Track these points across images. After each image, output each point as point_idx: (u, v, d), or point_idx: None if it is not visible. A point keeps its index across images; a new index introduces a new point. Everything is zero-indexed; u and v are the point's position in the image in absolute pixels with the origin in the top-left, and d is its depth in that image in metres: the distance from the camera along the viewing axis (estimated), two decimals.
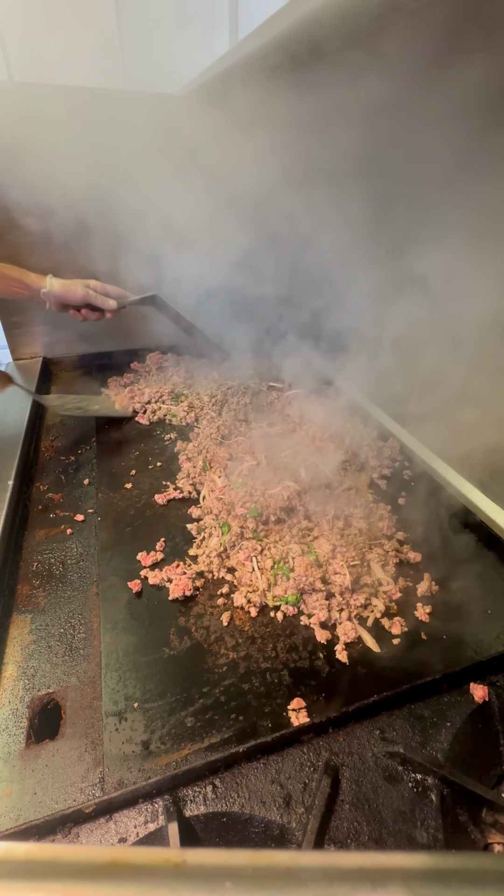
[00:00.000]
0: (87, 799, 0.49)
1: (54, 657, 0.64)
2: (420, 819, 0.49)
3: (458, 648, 0.64)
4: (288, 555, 0.75)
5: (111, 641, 0.65)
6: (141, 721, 0.56)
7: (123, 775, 0.51)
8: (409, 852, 0.26)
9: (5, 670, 0.62)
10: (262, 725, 0.56)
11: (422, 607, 0.70)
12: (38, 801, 0.50)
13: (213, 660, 0.63)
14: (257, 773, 0.52)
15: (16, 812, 0.49)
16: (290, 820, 0.48)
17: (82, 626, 0.68)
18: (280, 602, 0.70)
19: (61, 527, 0.85)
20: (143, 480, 0.96)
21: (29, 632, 0.67)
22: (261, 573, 0.73)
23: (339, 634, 0.66)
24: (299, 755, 0.53)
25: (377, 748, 0.54)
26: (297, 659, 0.63)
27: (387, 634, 0.66)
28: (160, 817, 0.48)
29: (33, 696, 0.59)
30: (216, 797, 0.50)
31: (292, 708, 0.57)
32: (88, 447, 1.07)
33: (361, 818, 0.49)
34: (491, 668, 0.62)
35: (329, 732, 0.55)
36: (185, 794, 0.50)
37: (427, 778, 0.51)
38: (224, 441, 1.05)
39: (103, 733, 0.55)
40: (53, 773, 0.52)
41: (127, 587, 0.72)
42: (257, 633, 0.67)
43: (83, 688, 0.60)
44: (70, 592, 0.73)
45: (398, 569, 0.76)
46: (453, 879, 0.24)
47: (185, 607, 0.70)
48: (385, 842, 0.47)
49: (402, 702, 0.58)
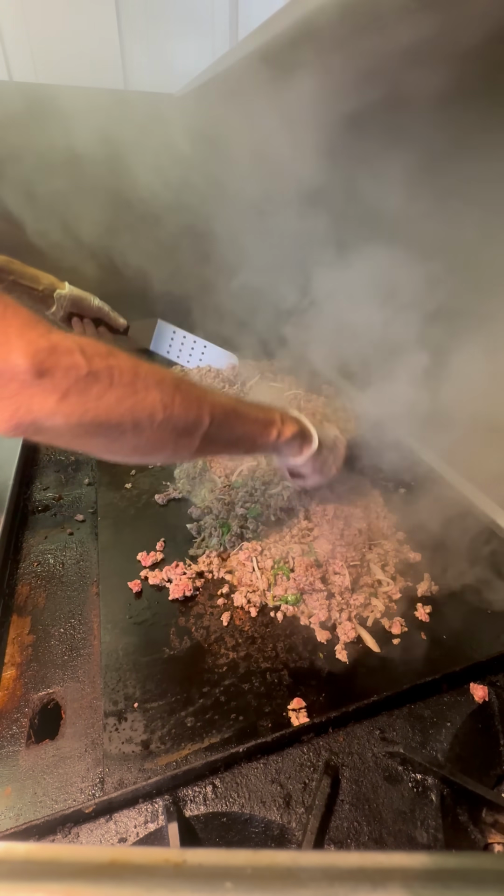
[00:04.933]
0: (87, 799, 0.49)
1: (54, 657, 0.64)
2: (420, 819, 0.49)
3: (458, 648, 0.64)
4: (288, 555, 0.75)
5: (111, 641, 0.65)
6: (141, 721, 0.56)
7: (123, 775, 0.51)
8: (409, 852, 0.26)
9: (5, 670, 0.62)
10: (262, 725, 0.56)
11: (422, 607, 0.69)
12: (38, 801, 0.50)
13: (213, 660, 0.63)
14: (257, 773, 0.52)
15: (16, 812, 0.49)
16: (290, 820, 0.48)
17: (82, 626, 0.68)
18: (280, 602, 0.70)
19: (61, 527, 0.85)
20: (143, 480, 0.96)
21: (29, 632, 0.67)
22: (261, 573, 0.73)
23: (339, 634, 0.66)
24: (299, 755, 0.53)
25: (377, 748, 0.54)
26: (297, 659, 0.63)
27: (387, 634, 0.66)
28: (160, 817, 0.48)
29: (33, 696, 0.59)
30: (216, 797, 0.50)
31: (292, 708, 0.57)
32: None
33: (361, 818, 0.49)
34: (491, 668, 0.62)
35: (329, 732, 0.55)
36: (185, 794, 0.50)
37: (427, 778, 0.51)
38: None
39: (103, 733, 0.55)
40: (53, 773, 0.52)
41: (127, 587, 0.72)
42: (257, 633, 0.67)
43: (83, 688, 0.60)
44: (70, 592, 0.73)
45: (398, 569, 0.76)
46: (453, 879, 0.24)
47: (185, 607, 0.70)
48: (385, 842, 0.47)
49: (402, 702, 0.58)
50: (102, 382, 0.46)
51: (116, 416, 0.48)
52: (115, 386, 0.47)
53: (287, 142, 1.00)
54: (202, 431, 0.57)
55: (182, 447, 0.57)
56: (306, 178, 1.06)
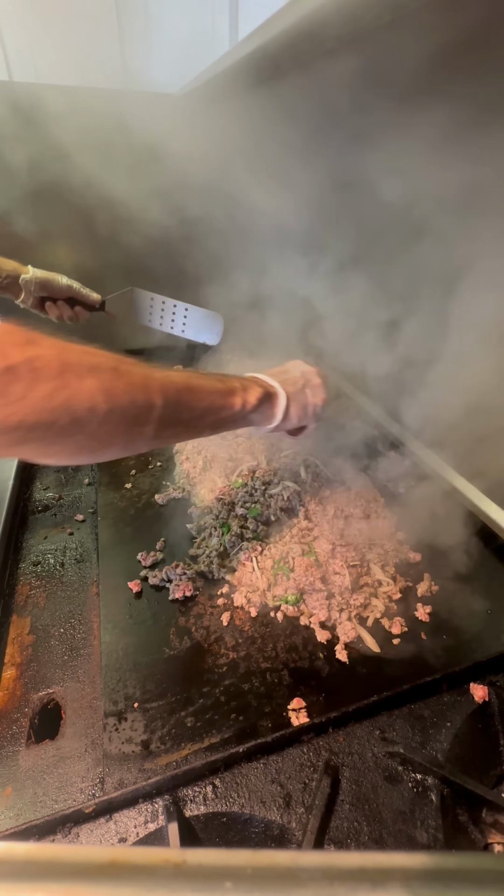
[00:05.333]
0: (87, 799, 0.49)
1: (54, 657, 0.64)
2: (420, 819, 0.49)
3: (458, 648, 0.64)
4: (288, 555, 0.75)
5: (111, 641, 0.65)
6: (141, 721, 0.56)
7: (123, 775, 0.51)
8: (409, 852, 0.26)
9: (5, 670, 0.62)
10: (262, 725, 0.56)
11: (422, 607, 0.69)
12: (38, 801, 0.50)
13: (213, 660, 0.63)
14: (257, 773, 0.52)
15: (16, 812, 0.49)
16: (290, 820, 0.48)
17: (82, 626, 0.68)
18: (280, 602, 0.70)
19: (61, 527, 0.85)
20: (143, 480, 0.96)
21: (29, 632, 0.67)
22: (261, 573, 0.73)
23: (339, 634, 0.66)
24: (299, 755, 0.53)
25: (377, 748, 0.54)
26: (297, 659, 0.63)
27: (387, 634, 0.66)
28: (160, 817, 0.48)
29: (33, 696, 0.59)
30: (216, 797, 0.50)
31: (292, 708, 0.57)
32: None
33: (361, 818, 0.49)
34: (491, 668, 0.62)
35: (329, 732, 0.55)
36: (185, 794, 0.50)
37: (427, 778, 0.51)
38: (224, 441, 1.05)
39: (103, 733, 0.55)
40: (53, 773, 0.52)
41: (127, 587, 0.72)
42: (257, 633, 0.67)
43: (83, 688, 0.60)
44: (70, 592, 0.73)
45: (398, 569, 0.76)
46: (453, 879, 0.24)
47: (185, 607, 0.70)
48: (385, 842, 0.47)
49: (402, 702, 0.58)
50: (23, 379, 0.39)
51: (48, 416, 0.41)
52: (40, 380, 0.40)
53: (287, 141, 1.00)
54: (156, 415, 0.50)
55: (135, 437, 0.50)
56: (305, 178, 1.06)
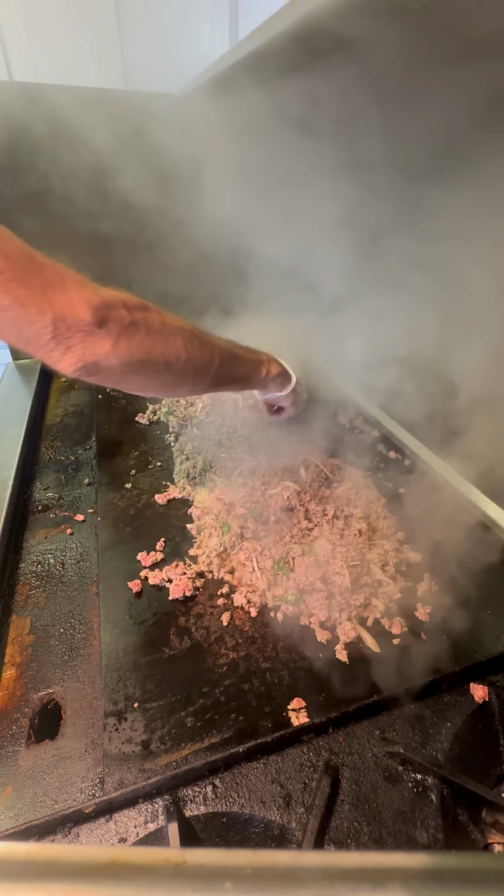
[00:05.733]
0: (87, 799, 0.49)
1: (54, 657, 0.64)
2: (420, 819, 0.49)
3: (457, 648, 0.64)
4: (288, 555, 0.75)
5: (111, 641, 0.65)
6: (141, 721, 0.56)
7: (123, 775, 0.51)
8: (409, 852, 0.26)
9: (5, 670, 0.62)
10: (262, 725, 0.56)
11: (422, 607, 0.69)
12: (38, 801, 0.50)
13: (213, 660, 0.63)
14: (257, 773, 0.52)
15: (16, 812, 0.49)
16: (290, 820, 0.48)
17: (82, 626, 0.68)
18: (280, 602, 0.70)
19: (61, 527, 0.85)
20: (143, 480, 0.96)
21: (29, 632, 0.67)
22: (261, 573, 0.73)
23: (339, 634, 0.66)
24: (299, 755, 0.53)
25: (377, 748, 0.54)
26: (297, 659, 0.63)
27: (387, 634, 0.66)
28: (160, 817, 0.48)
29: (33, 696, 0.59)
30: (216, 797, 0.50)
31: (292, 708, 0.57)
32: (88, 447, 1.07)
33: (361, 818, 0.49)
34: (491, 668, 0.62)
35: (329, 732, 0.55)
36: (185, 794, 0.50)
37: (427, 778, 0.51)
38: (224, 441, 1.05)
39: (103, 733, 0.55)
40: (53, 773, 0.52)
41: (127, 587, 0.72)
42: (257, 633, 0.67)
43: (83, 688, 0.60)
44: (70, 592, 0.73)
45: (398, 569, 0.76)
46: (453, 879, 0.24)
47: (185, 607, 0.70)
48: (385, 842, 0.47)
49: (402, 702, 0.58)
50: (141, 331, 0.56)
51: (154, 357, 0.58)
52: (151, 333, 0.57)
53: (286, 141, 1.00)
54: (213, 370, 0.68)
55: (198, 383, 0.68)
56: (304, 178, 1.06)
